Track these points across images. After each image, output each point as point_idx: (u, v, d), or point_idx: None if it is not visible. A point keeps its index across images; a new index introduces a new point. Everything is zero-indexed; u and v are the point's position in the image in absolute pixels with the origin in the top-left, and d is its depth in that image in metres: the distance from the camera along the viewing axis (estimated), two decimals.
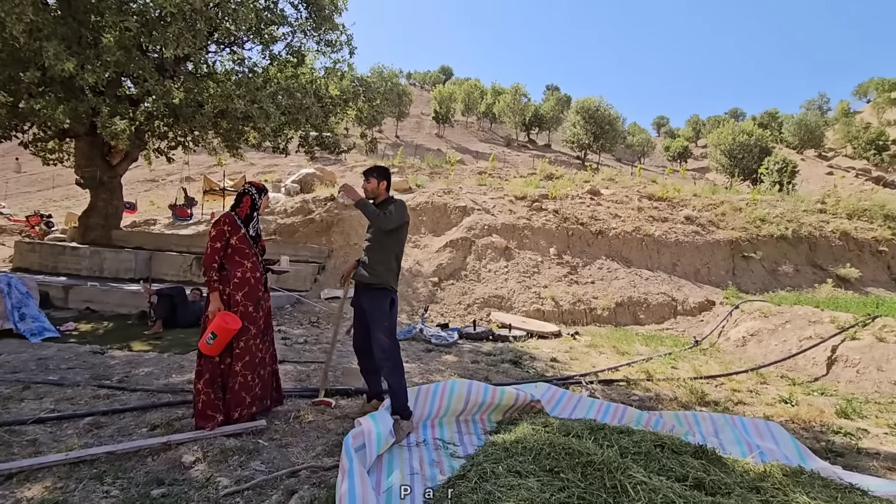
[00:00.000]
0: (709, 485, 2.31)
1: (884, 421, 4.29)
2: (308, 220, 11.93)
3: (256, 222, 3.50)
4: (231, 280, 3.25)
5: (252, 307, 3.31)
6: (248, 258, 3.34)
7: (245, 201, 3.42)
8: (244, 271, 3.30)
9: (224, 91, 8.66)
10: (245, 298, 3.28)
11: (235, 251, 3.30)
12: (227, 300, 3.24)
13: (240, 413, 3.20)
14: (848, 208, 14.00)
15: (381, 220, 3.37)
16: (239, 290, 3.27)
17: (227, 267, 3.27)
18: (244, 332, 3.23)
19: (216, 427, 3.07)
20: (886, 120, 55.69)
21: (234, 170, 24.22)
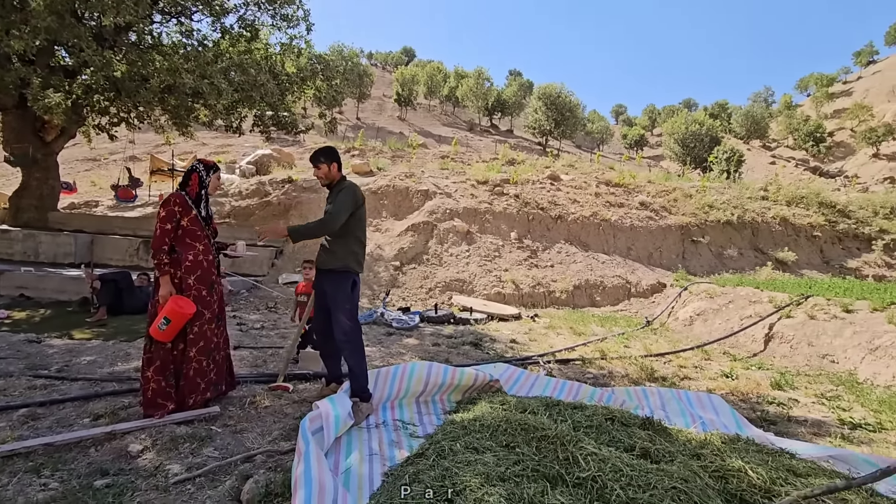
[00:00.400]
0: (654, 453, 2.43)
1: (812, 391, 4.65)
2: (264, 203, 11.55)
3: (207, 202, 3.34)
4: (182, 263, 3.11)
5: (206, 291, 3.19)
6: (200, 240, 3.20)
7: (193, 179, 3.24)
8: (196, 254, 3.16)
9: (171, 65, 8.16)
10: (198, 282, 3.15)
11: (186, 233, 3.15)
12: (178, 284, 3.10)
13: (195, 399, 3.10)
14: (787, 196, 14.90)
15: (328, 226, 3.21)
16: (191, 273, 3.13)
17: (178, 249, 3.12)
18: (198, 316, 3.11)
19: (166, 415, 2.96)
20: (824, 113, 59.29)
21: (185, 149, 23.03)
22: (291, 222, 10.93)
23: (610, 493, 2.00)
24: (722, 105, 63.37)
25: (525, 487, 1.99)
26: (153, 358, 3.02)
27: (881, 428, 3.71)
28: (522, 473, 2.12)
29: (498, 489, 1.96)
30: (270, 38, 10.74)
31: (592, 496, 2.00)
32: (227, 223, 10.95)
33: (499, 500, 1.87)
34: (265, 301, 7.95)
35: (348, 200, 3.26)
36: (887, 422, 3.81)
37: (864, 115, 51.06)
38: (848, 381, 4.91)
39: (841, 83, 67.28)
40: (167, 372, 3.04)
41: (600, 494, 2.01)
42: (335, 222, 3.21)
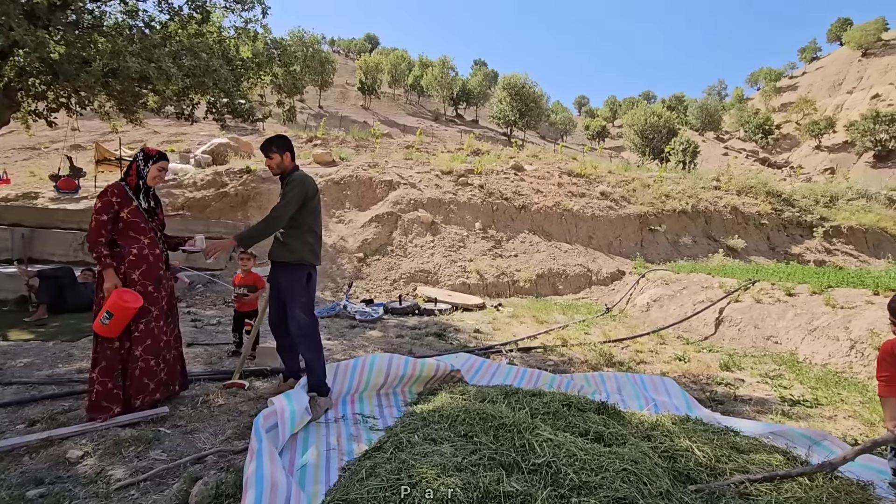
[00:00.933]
0: (607, 437, 2.50)
1: (757, 371, 4.91)
2: (221, 194, 11.13)
3: (150, 193, 3.16)
4: (126, 257, 2.95)
5: (152, 286, 3.04)
6: (145, 233, 3.04)
7: (133, 169, 3.08)
8: (140, 248, 3.00)
9: (115, 47, 7.67)
10: (143, 277, 3.00)
11: (128, 225, 2.98)
12: (122, 279, 2.94)
13: (142, 400, 2.96)
14: (738, 186, 15.59)
15: (274, 226, 3.10)
16: (135, 268, 2.97)
17: (120, 243, 2.96)
18: (144, 313, 2.97)
19: (110, 419, 2.81)
20: (772, 106, 62.31)
21: (134, 138, 21.88)
22: (250, 214, 10.59)
23: (564, 477, 2.04)
24: (679, 98, 65.52)
25: (481, 476, 2.00)
26: (99, 358, 2.88)
27: (817, 404, 3.96)
28: (479, 462, 2.13)
29: (454, 479, 1.96)
30: (224, 21, 10.27)
31: (547, 481, 2.03)
32: (182, 215, 10.49)
33: (454, 490, 1.88)
34: (222, 296, 7.69)
35: (297, 193, 3.15)
36: (823, 398, 4.07)
37: (808, 108, 54.00)
38: (789, 360, 5.21)
39: (787, 78, 70.82)
40: (114, 373, 2.89)
41: (554, 479, 2.04)
42: (281, 219, 3.11)
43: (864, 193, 17.23)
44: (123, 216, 2.96)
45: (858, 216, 14.96)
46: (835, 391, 4.19)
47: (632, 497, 1.92)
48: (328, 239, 10.24)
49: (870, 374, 4.53)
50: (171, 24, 9.01)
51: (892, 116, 40.90)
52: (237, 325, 4.54)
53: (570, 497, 1.94)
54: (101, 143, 17.11)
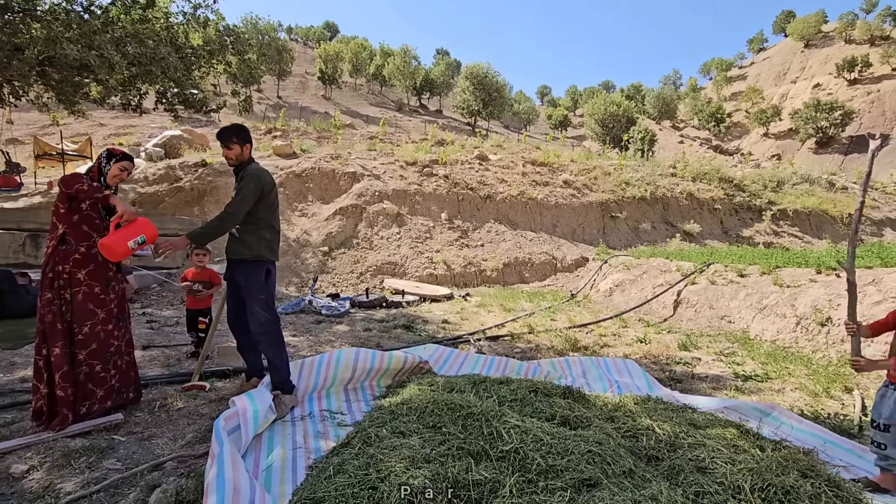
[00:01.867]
0: (573, 420, 2.56)
1: (713, 350, 5.14)
2: (176, 189, 10.65)
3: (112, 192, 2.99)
4: (72, 255, 2.79)
5: (99, 288, 2.88)
6: (98, 231, 2.91)
7: (95, 168, 2.99)
8: (90, 246, 2.85)
9: (51, 33, 7.14)
10: (90, 277, 2.84)
11: (84, 219, 2.86)
12: (67, 279, 2.77)
13: (88, 408, 2.80)
14: (693, 172, 16.19)
15: (229, 223, 3.00)
16: (82, 267, 2.80)
17: (69, 239, 2.80)
18: (89, 315, 2.81)
19: (63, 428, 2.65)
20: (724, 95, 64.85)
21: (77, 130, 20.59)
22: (206, 209, 10.19)
23: (531, 462, 2.07)
24: (637, 87, 67.21)
25: (450, 466, 2.00)
26: (59, 363, 2.70)
27: (767, 378, 4.19)
28: (448, 453, 2.14)
29: (423, 471, 1.96)
30: (171, 6, 9.74)
31: (515, 467, 2.06)
32: None
33: (423, 482, 1.87)
34: (179, 295, 7.38)
35: (253, 188, 3.04)
36: (772, 372, 4.31)
37: (756, 97, 56.56)
38: (742, 338, 5.48)
39: (737, 68, 73.81)
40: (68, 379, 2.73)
41: (522, 465, 2.07)
42: (237, 215, 3.00)
43: (807, 178, 18.23)
44: (83, 207, 2.86)
45: (802, 200, 15.84)
46: (783, 365, 4.44)
47: (596, 477, 1.97)
48: (291, 233, 9.99)
49: (814, 348, 4.83)
50: (113, 9, 8.46)
51: (831, 105, 43.34)
52: (191, 323, 4.37)
53: (538, 481, 1.97)
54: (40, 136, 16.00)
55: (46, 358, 2.73)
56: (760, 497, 1.90)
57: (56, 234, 2.81)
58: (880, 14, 61.95)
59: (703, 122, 55.40)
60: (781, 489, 1.93)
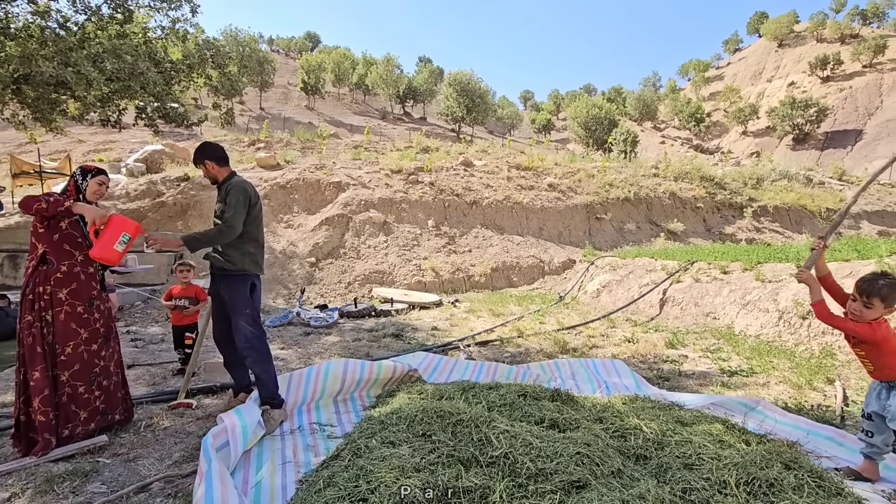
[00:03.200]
0: (562, 423, 2.58)
1: (699, 346, 5.21)
2: (158, 204, 10.52)
3: None
4: (52, 275, 2.74)
5: (82, 307, 2.83)
6: (80, 249, 2.87)
7: (71, 186, 2.95)
8: (72, 265, 2.81)
9: (25, 50, 7.06)
10: (71, 297, 2.79)
11: (66, 237, 2.81)
12: (48, 300, 2.72)
13: (71, 430, 2.75)
14: (675, 172, 16.45)
15: (226, 235, 2.99)
16: (63, 286, 2.76)
17: (49, 258, 2.75)
18: (72, 335, 2.76)
19: (45, 453, 2.60)
20: (702, 96, 66.10)
21: (56, 148, 20.26)
22: (190, 223, 10.08)
23: (521, 466, 2.08)
24: (618, 90, 68.14)
25: (440, 474, 2.00)
26: (38, 387, 2.64)
27: (752, 372, 4.26)
28: (438, 461, 2.14)
29: (413, 480, 1.95)
30: (150, 21, 9.67)
31: (504, 472, 2.07)
32: None
33: (413, 491, 1.87)
34: (163, 312, 7.27)
35: (241, 199, 3.04)
36: (757, 366, 4.38)
37: (734, 97, 57.77)
38: (727, 334, 5.57)
39: (715, 68, 75.36)
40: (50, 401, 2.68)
41: (512, 469, 2.08)
42: (234, 228, 2.99)
43: (785, 174, 18.64)
44: (62, 226, 2.81)
45: (782, 195, 16.18)
46: (767, 359, 4.52)
47: (585, 478, 1.99)
48: (277, 245, 9.92)
49: (797, 341, 4.92)
50: (89, 25, 8.38)
51: (806, 102, 44.44)
52: (178, 340, 4.32)
53: (528, 485, 1.98)
54: (16, 154, 15.72)
55: (25, 382, 2.68)
56: (745, 490, 1.93)
57: (36, 255, 2.76)
58: (849, 13, 63.89)
59: (684, 123, 56.37)
60: (766, 482, 1.97)
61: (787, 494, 1.90)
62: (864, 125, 45.18)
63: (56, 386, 2.74)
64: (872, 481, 2.33)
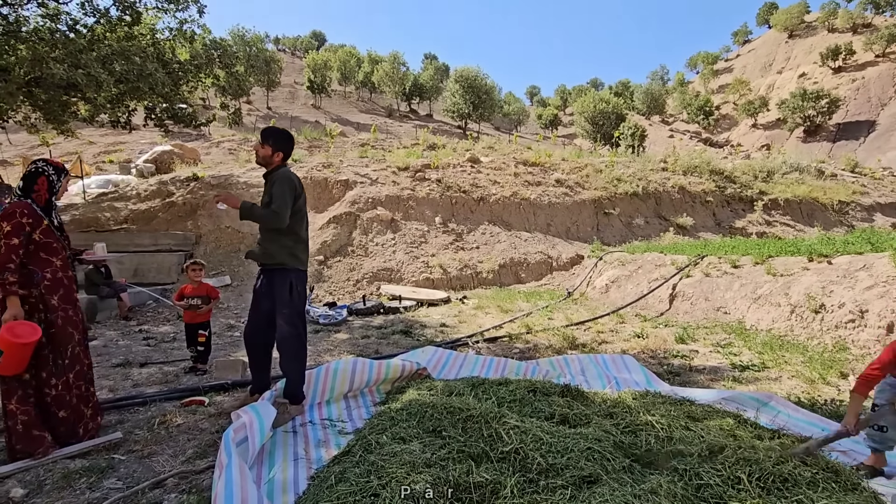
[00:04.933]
0: (572, 418, 2.57)
1: (709, 341, 5.17)
2: (168, 204, 10.61)
3: (56, 210, 2.94)
4: (41, 282, 2.70)
5: (72, 311, 2.85)
6: (57, 254, 2.80)
7: (40, 184, 2.77)
8: (54, 270, 2.76)
9: (36, 53, 7.16)
10: (63, 302, 2.78)
11: (41, 247, 2.72)
12: (43, 305, 2.71)
13: (84, 428, 2.80)
14: (683, 166, 16.28)
15: (274, 220, 3.00)
16: (53, 292, 2.74)
17: (31, 267, 2.69)
18: (69, 339, 2.79)
19: (50, 449, 2.62)
20: (711, 88, 65.39)
21: (67, 150, 20.51)
22: (200, 223, 10.16)
23: (531, 462, 2.08)
24: (625, 84, 67.68)
25: (451, 470, 2.01)
26: (11, 389, 2.61)
27: (764, 367, 4.22)
28: (448, 456, 2.15)
29: (424, 476, 1.96)
30: (158, 22, 9.76)
31: (515, 467, 2.07)
32: (126, 229, 9.95)
33: (424, 486, 1.88)
34: (175, 310, 7.35)
35: (286, 191, 3.05)
36: (769, 361, 4.34)
37: (743, 89, 57.05)
38: (738, 328, 5.52)
39: (723, 61, 74.46)
40: (31, 399, 2.65)
41: (523, 464, 2.08)
42: (280, 217, 3.00)
43: (796, 167, 18.39)
44: (36, 237, 2.70)
45: (793, 188, 15.97)
46: (779, 354, 4.47)
47: (596, 474, 1.98)
48: None
49: (809, 335, 4.87)
50: (98, 27, 8.48)
51: (817, 94, 43.78)
52: (191, 338, 4.37)
53: (539, 480, 1.98)
54: (29, 157, 15.95)
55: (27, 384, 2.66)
56: (759, 486, 1.92)
57: None
58: (861, 2, 62.65)
59: (692, 116, 55.80)
60: (779, 477, 1.95)
61: (801, 490, 1.88)
62: (878, 116, 44.40)
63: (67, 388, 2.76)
64: (885, 473, 2.30)
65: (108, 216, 10.11)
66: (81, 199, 10.76)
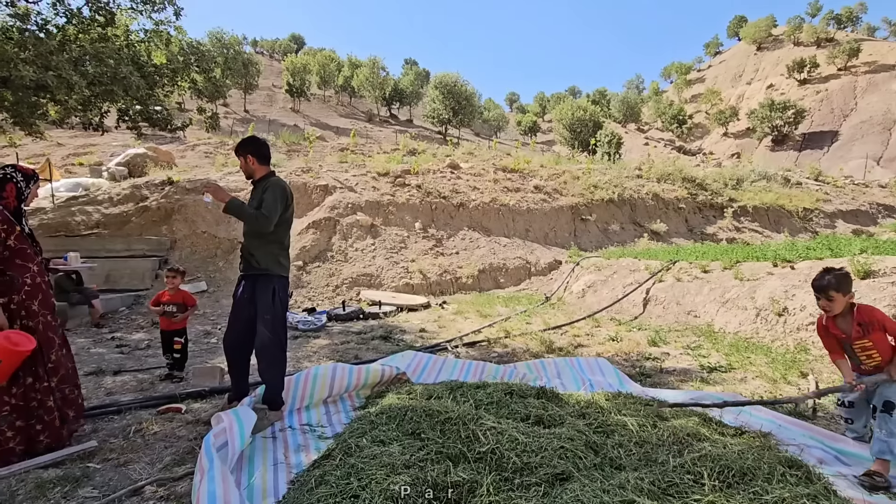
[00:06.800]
0: (547, 419, 2.66)
1: (680, 344, 5.35)
2: (142, 209, 10.39)
3: (26, 217, 2.91)
4: (21, 288, 2.69)
5: (51, 316, 2.85)
6: (32, 260, 2.79)
7: (9, 190, 2.75)
8: (32, 276, 2.75)
9: (4, 53, 6.97)
10: (42, 307, 2.78)
11: (16, 253, 2.71)
12: (25, 311, 2.69)
13: (68, 430, 2.84)
14: (657, 174, 16.74)
15: (261, 223, 3.03)
16: (33, 298, 2.73)
17: (9, 273, 2.68)
18: (50, 344, 2.78)
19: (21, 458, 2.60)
20: (684, 98, 67.26)
21: (34, 151, 19.81)
22: (175, 228, 9.98)
23: (507, 461, 2.16)
24: (602, 92, 69.04)
25: (429, 470, 2.07)
26: None
27: (731, 368, 4.40)
28: (427, 457, 2.21)
29: (403, 476, 2.02)
30: (132, 24, 9.60)
31: (491, 466, 2.15)
32: (98, 234, 9.70)
33: (403, 487, 1.93)
34: (149, 317, 7.21)
35: (278, 199, 3.08)
36: (735, 362, 4.53)
37: (715, 99, 58.85)
38: (707, 331, 5.73)
39: (696, 71, 76.72)
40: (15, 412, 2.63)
41: (498, 464, 2.16)
42: (268, 221, 3.03)
43: (764, 175, 19.10)
44: (11, 243, 2.68)
45: (761, 196, 16.57)
46: (745, 356, 4.67)
47: (568, 471, 2.07)
48: None
49: (773, 337, 5.09)
50: (70, 28, 8.30)
51: (784, 104, 45.49)
52: (167, 345, 4.32)
53: (514, 479, 2.06)
54: None
55: None
56: (720, 480, 2.03)
57: None
58: (824, 17, 65.63)
59: (667, 124, 57.27)
60: (739, 471, 2.07)
61: (758, 482, 2.00)
62: (840, 126, 46.41)
63: (46, 392, 2.74)
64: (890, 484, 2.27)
65: (78, 220, 9.84)
66: (50, 204, 10.45)
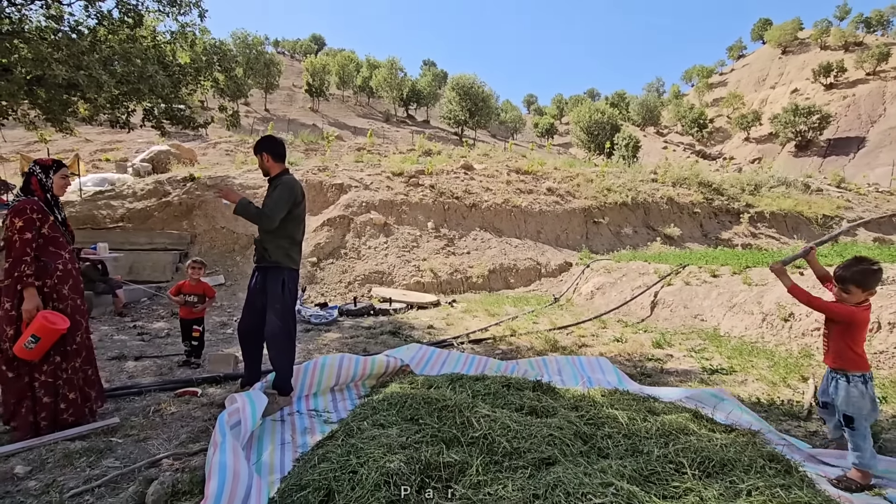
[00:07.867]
0: (540, 410, 2.78)
1: (684, 346, 5.39)
2: (164, 204, 10.76)
3: (59, 206, 3.10)
4: (53, 273, 2.90)
5: (80, 300, 3.07)
6: (64, 248, 3.01)
7: (34, 184, 2.96)
8: (64, 262, 2.97)
9: (39, 53, 7.32)
10: (72, 292, 3.00)
11: (49, 241, 2.92)
12: (54, 295, 2.90)
13: (90, 409, 3.04)
14: (673, 177, 16.61)
15: (263, 221, 3.22)
16: (64, 283, 2.95)
17: (44, 259, 2.89)
18: (77, 326, 2.99)
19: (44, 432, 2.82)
20: (706, 101, 66.26)
21: (64, 147, 20.54)
22: (196, 223, 10.32)
23: (498, 446, 2.29)
24: (621, 95, 68.39)
25: (423, 451, 2.20)
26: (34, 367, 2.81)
27: (732, 371, 4.44)
28: (422, 440, 2.35)
29: (399, 456, 2.16)
30: (158, 25, 9.96)
31: (483, 450, 2.27)
32: (122, 227, 10.08)
33: (398, 464, 2.07)
34: (169, 308, 7.49)
35: (284, 197, 3.26)
36: (737, 365, 4.56)
37: (737, 103, 57.87)
38: (712, 335, 5.75)
39: (718, 74, 75.48)
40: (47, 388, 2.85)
41: (490, 448, 2.29)
42: (271, 220, 3.21)
43: (783, 181, 18.78)
44: (45, 232, 2.89)
45: (779, 202, 16.32)
46: (747, 359, 4.70)
47: (555, 457, 2.19)
48: None
49: (778, 342, 5.11)
50: (101, 29, 8.66)
51: (809, 109, 44.50)
52: (186, 333, 4.54)
53: (503, 462, 2.19)
54: (25, 153, 16.02)
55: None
56: (700, 470, 2.13)
57: None
58: (853, 21, 63.91)
59: (687, 128, 56.51)
60: (719, 463, 2.16)
61: (736, 473, 2.09)
62: (867, 133, 45.22)
63: (70, 371, 2.94)
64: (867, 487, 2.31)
65: (104, 214, 10.24)
66: (78, 197, 10.89)
